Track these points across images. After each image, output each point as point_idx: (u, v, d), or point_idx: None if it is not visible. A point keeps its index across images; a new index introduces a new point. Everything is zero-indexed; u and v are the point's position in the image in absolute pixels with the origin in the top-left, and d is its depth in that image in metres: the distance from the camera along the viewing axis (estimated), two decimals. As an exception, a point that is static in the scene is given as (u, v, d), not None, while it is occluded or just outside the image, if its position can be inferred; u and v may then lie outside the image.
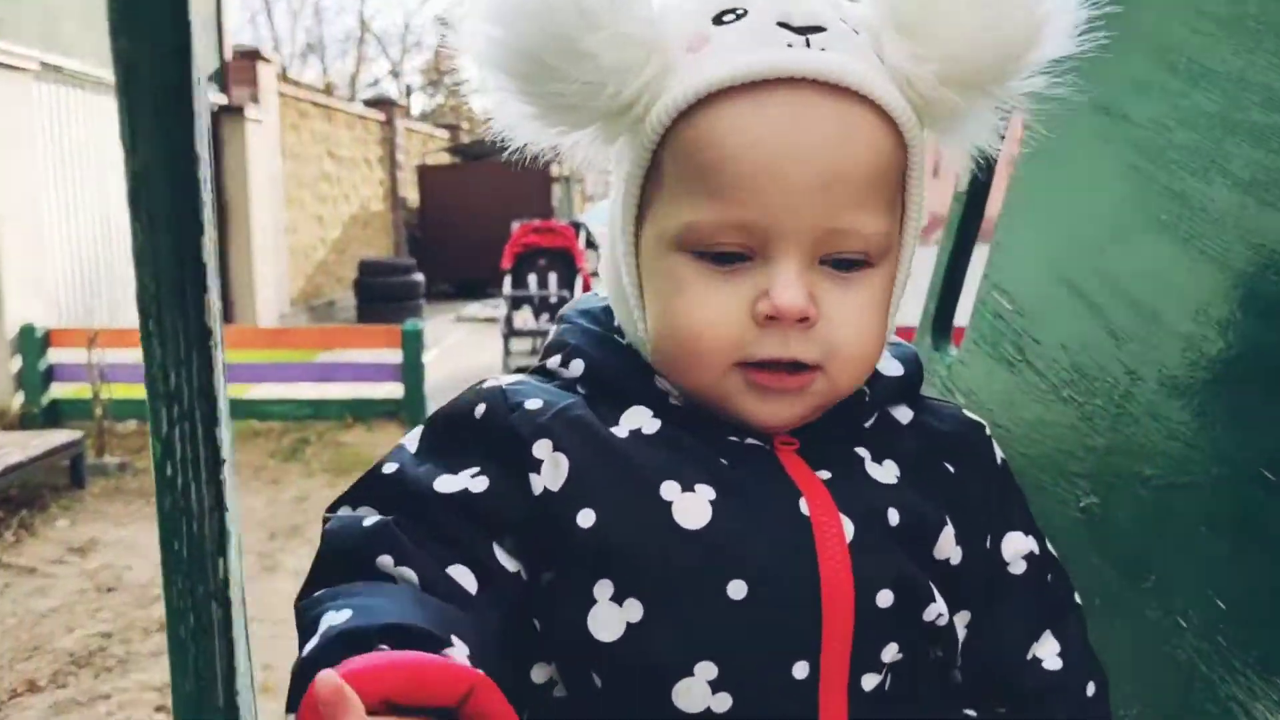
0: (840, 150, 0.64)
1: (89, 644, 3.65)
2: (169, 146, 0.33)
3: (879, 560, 0.66)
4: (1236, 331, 0.66)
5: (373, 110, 15.34)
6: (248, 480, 5.62)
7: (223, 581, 0.38)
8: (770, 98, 0.64)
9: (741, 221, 0.64)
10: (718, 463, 0.68)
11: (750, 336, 0.66)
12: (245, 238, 9.81)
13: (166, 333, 0.34)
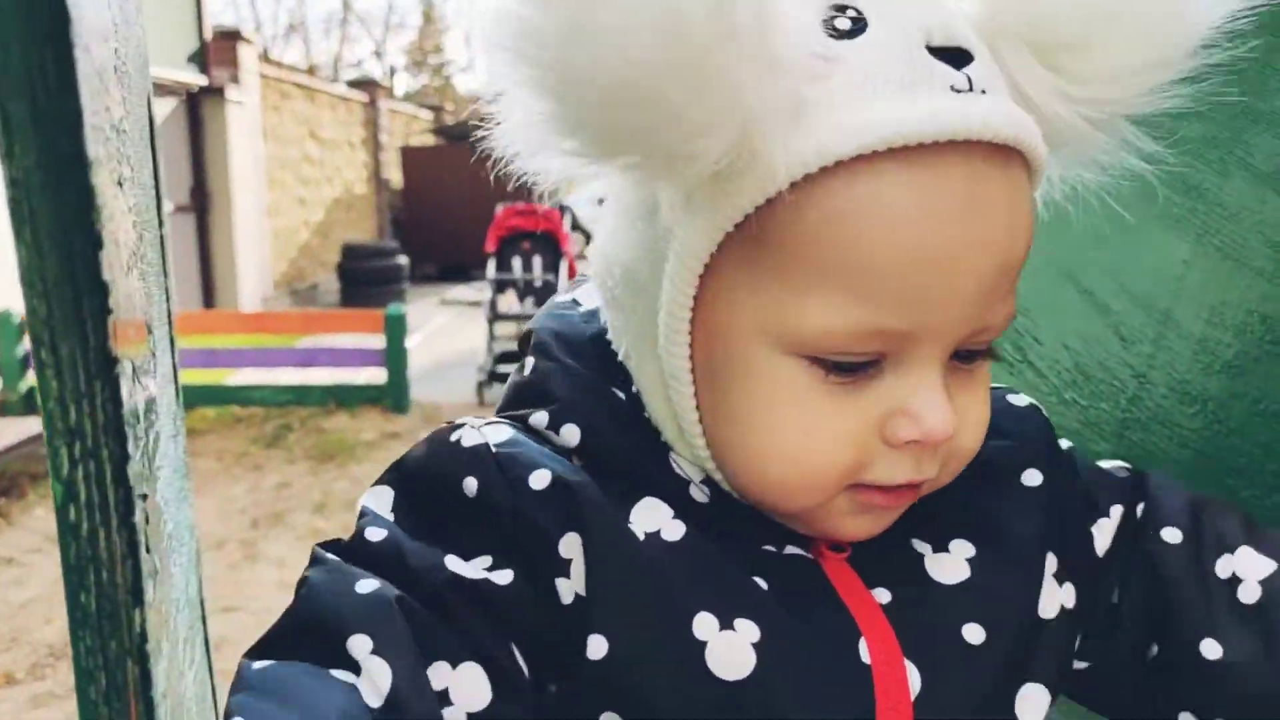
0: (1016, 233, 0.51)
1: (67, 635, 3.61)
2: (53, 150, 0.28)
3: (947, 713, 0.55)
4: (1253, 335, 0.62)
5: (356, 91, 15.19)
6: (229, 467, 5.56)
7: (139, 637, 0.34)
8: (940, 168, 0.48)
9: (893, 330, 0.50)
10: (755, 585, 0.55)
11: (875, 457, 0.53)
12: (227, 221, 9.71)
13: (63, 363, 0.29)
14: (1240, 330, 0.62)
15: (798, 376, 0.51)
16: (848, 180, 0.48)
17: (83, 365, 0.29)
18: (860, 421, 0.52)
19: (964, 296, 0.50)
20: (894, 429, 0.51)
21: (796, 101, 0.47)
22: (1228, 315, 0.63)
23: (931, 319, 0.50)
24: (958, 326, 0.51)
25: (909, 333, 0.50)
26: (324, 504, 4.92)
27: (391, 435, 5.89)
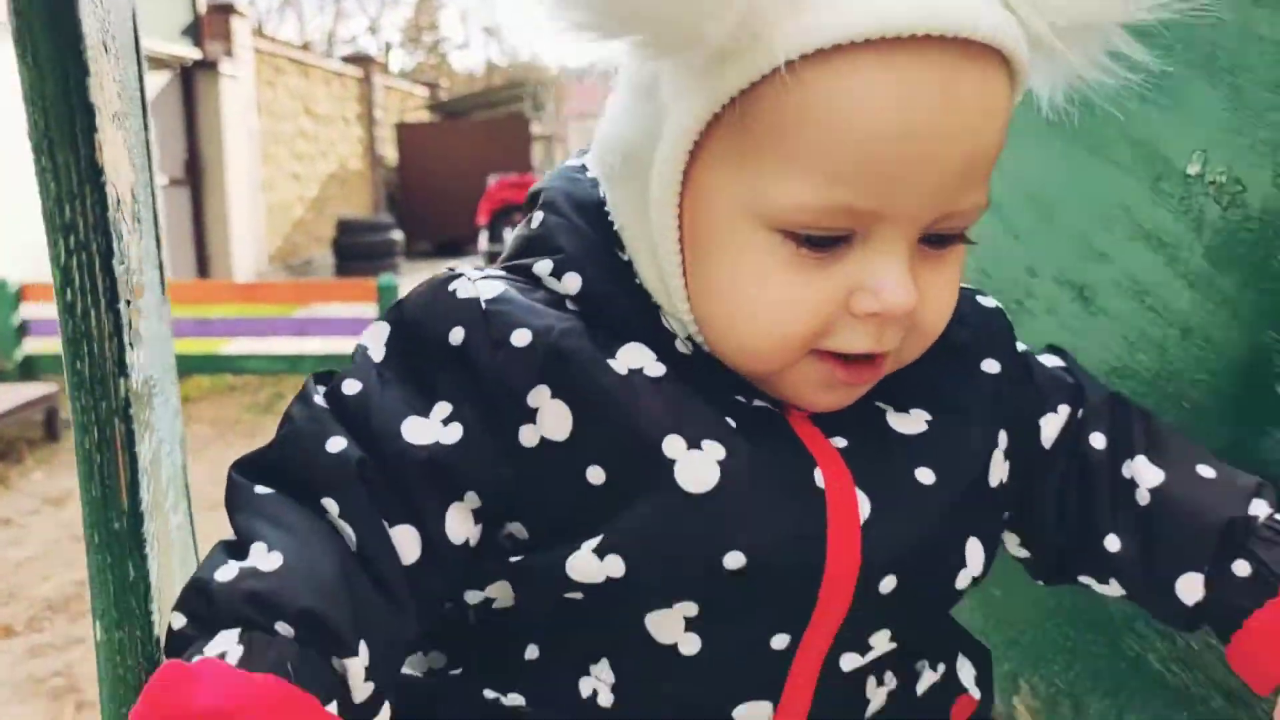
0: (986, 127, 0.55)
1: (64, 590, 3.69)
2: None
3: (894, 540, 0.61)
4: (1118, 223, 0.69)
5: (350, 67, 15.19)
6: (224, 433, 5.64)
7: (124, 400, 0.41)
8: (920, 61, 0.52)
9: (862, 209, 0.55)
10: (724, 420, 0.61)
11: (839, 327, 0.58)
12: (221, 195, 9.75)
13: (59, 169, 0.37)
14: (1107, 220, 0.69)
15: (773, 249, 0.56)
16: (834, 67, 0.52)
17: (75, 170, 0.37)
18: (827, 293, 0.57)
19: (930, 182, 0.54)
20: (857, 301, 0.56)
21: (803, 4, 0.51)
22: (1097, 208, 0.70)
23: (899, 201, 0.54)
24: (924, 210, 0.55)
25: (877, 212, 0.54)
26: (317, 468, 5.02)
27: (384, 403, 5.97)
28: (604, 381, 0.60)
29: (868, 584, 0.60)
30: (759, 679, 0.62)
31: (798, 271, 0.57)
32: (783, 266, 0.57)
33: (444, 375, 0.61)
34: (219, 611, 0.54)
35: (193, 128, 9.72)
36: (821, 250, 0.56)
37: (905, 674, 0.68)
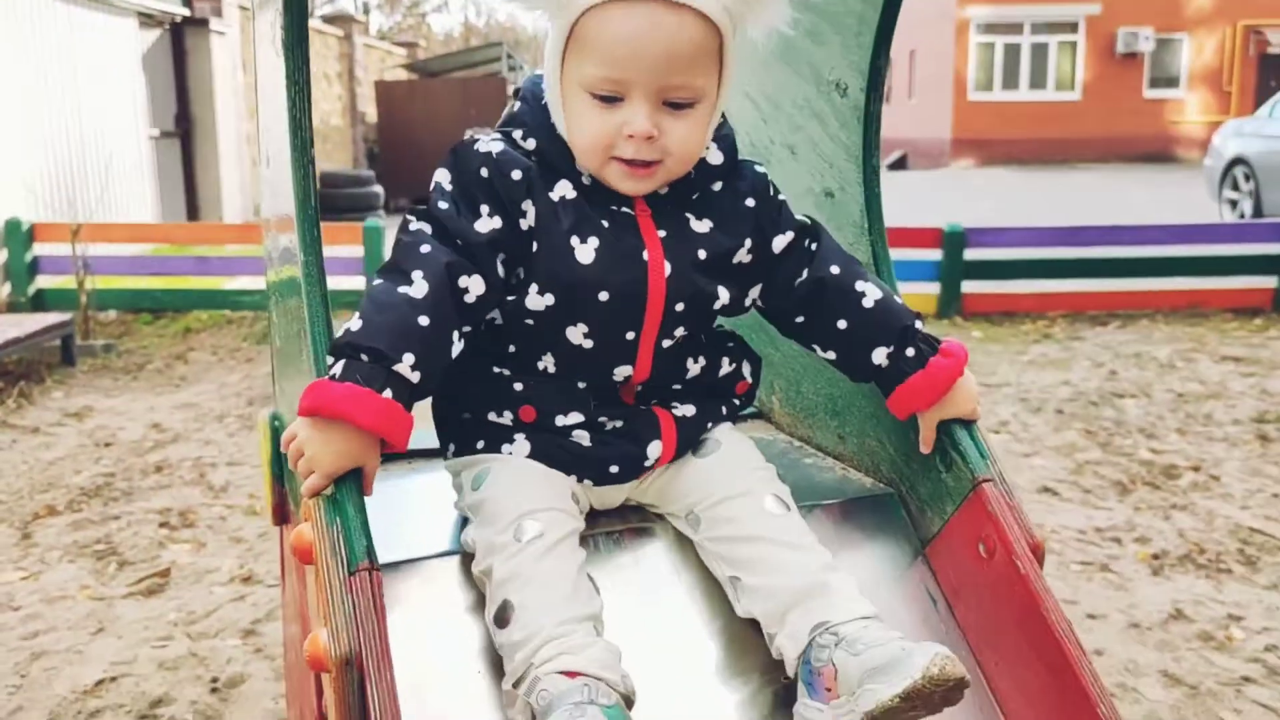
0: (676, 41, 1.03)
1: (96, 480, 4.21)
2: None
3: (681, 286, 1.12)
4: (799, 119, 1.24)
5: (331, 26, 15.54)
6: (224, 359, 6.16)
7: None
8: (641, 9, 1.03)
9: (617, 79, 1.05)
10: (601, 224, 1.11)
11: (619, 143, 1.07)
12: (212, 147, 10.17)
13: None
14: (800, 107, 1.24)
15: (586, 102, 1.08)
16: (602, 13, 1.04)
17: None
18: (611, 125, 1.08)
19: (648, 68, 1.04)
20: (623, 129, 1.07)
21: None
22: (797, 100, 1.26)
23: (634, 76, 1.05)
24: (648, 83, 1.05)
25: (625, 81, 1.06)
26: (311, 387, 5.55)
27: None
28: (546, 200, 1.11)
29: (669, 305, 1.14)
30: (623, 355, 1.15)
31: (597, 114, 1.09)
32: (591, 112, 1.09)
33: (480, 192, 1.11)
34: (333, 351, 1.05)
35: (183, 83, 10.12)
36: (607, 103, 1.08)
37: (711, 361, 1.23)
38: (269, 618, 3.07)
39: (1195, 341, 6.24)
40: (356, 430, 0.94)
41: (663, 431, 1.14)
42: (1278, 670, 2.71)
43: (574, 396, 1.13)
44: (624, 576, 1.08)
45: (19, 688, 2.72)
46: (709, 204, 1.16)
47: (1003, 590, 0.99)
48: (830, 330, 1.19)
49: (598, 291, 1.10)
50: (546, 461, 1.10)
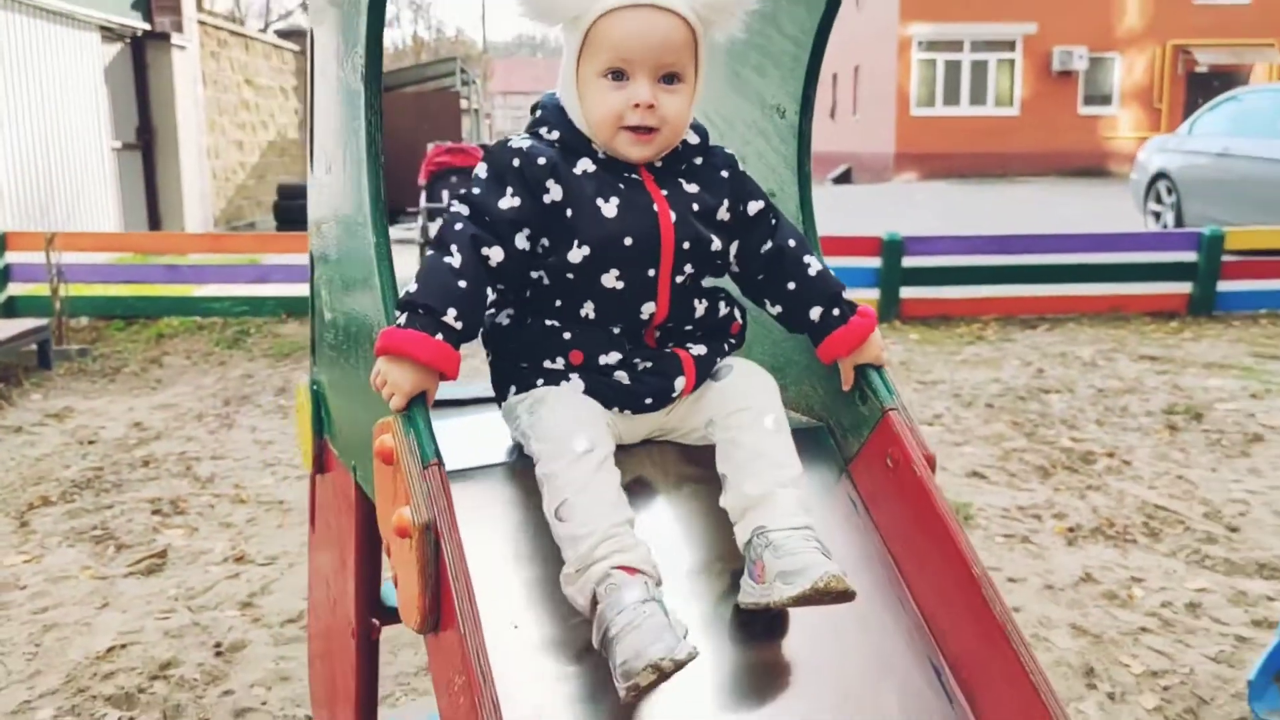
0: (667, 32, 1.33)
1: (86, 474, 4.42)
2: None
3: (684, 230, 1.38)
4: (754, 131, 1.56)
5: (287, 41, 15.71)
6: (198, 363, 6.37)
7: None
8: (640, 12, 1.32)
9: (626, 59, 1.33)
10: (619, 187, 1.38)
11: (627, 113, 1.34)
12: (174, 159, 10.34)
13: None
14: (749, 126, 1.56)
15: (602, 84, 1.34)
16: (611, 17, 1.31)
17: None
18: (621, 99, 1.34)
19: (648, 50, 1.32)
20: (629, 101, 1.33)
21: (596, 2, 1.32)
22: (749, 119, 1.58)
23: (638, 57, 1.32)
24: (649, 63, 1.33)
25: (632, 61, 1.33)
26: (284, 389, 5.78)
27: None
28: (572, 176, 1.39)
29: (678, 245, 1.41)
30: (647, 292, 1.41)
31: (610, 91, 1.36)
32: (605, 90, 1.36)
33: (509, 178, 1.36)
34: (399, 306, 1.33)
35: (144, 96, 10.28)
36: (617, 81, 1.35)
37: (711, 303, 1.51)
38: (264, 591, 3.32)
39: (1116, 342, 6.67)
40: (418, 364, 1.24)
41: (685, 368, 1.43)
42: (1170, 622, 3.07)
43: (612, 339, 1.40)
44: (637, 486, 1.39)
45: (35, 654, 2.95)
46: (694, 173, 1.47)
47: (905, 492, 1.30)
48: (781, 289, 1.50)
49: (623, 238, 1.38)
50: (595, 397, 1.38)
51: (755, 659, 1.23)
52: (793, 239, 1.51)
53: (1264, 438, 4.76)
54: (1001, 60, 27.09)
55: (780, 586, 1.20)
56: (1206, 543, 3.62)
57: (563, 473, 1.26)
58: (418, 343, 1.23)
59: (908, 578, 1.32)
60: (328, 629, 1.92)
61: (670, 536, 1.32)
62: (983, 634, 1.19)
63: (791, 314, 1.49)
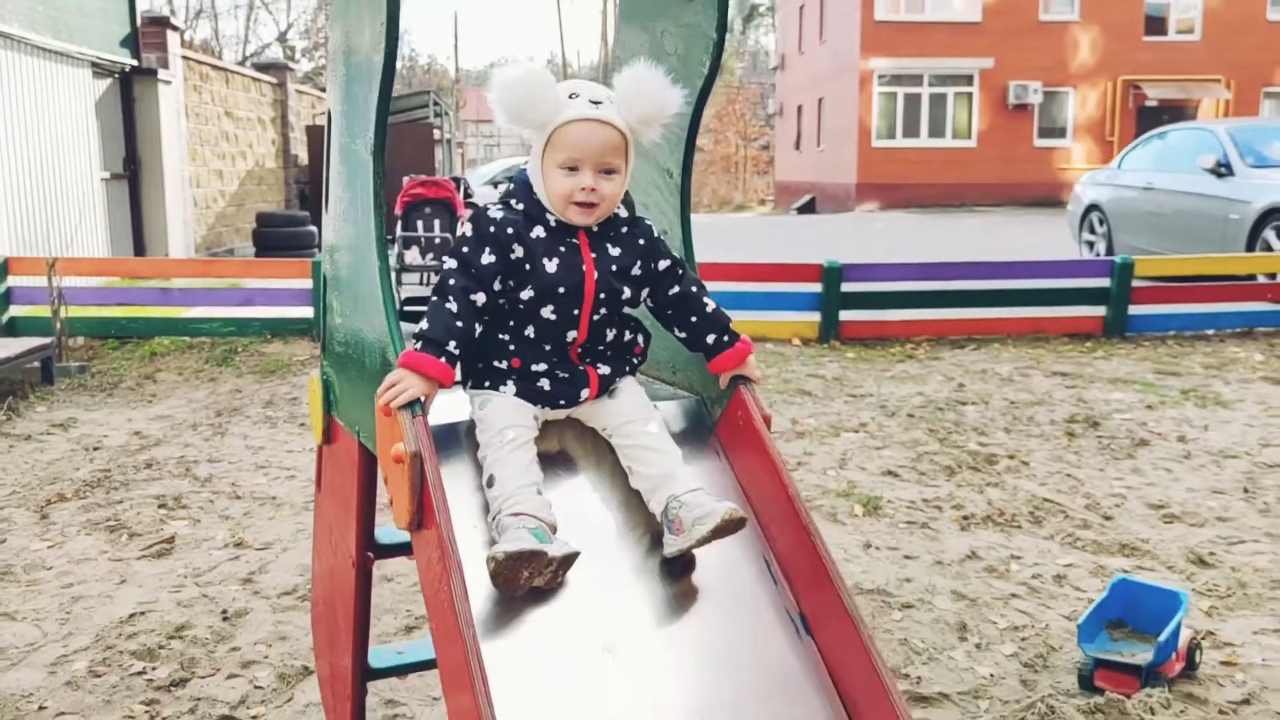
0: (606, 140, 1.73)
1: (95, 475, 4.90)
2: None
3: (603, 284, 1.79)
4: (657, 178, 2.12)
5: (265, 74, 16.24)
6: (189, 379, 6.86)
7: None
8: (586, 125, 1.73)
9: (576, 158, 1.72)
10: (560, 250, 1.78)
11: (577, 193, 1.74)
12: (159, 189, 10.83)
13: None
14: (655, 177, 2.12)
15: (559, 172, 1.76)
16: (569, 127, 1.74)
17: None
18: (573, 184, 1.75)
19: (592, 153, 1.74)
20: (580, 186, 1.74)
21: (561, 110, 1.75)
22: (643, 180, 2.13)
23: (584, 156, 1.74)
24: (593, 161, 1.74)
25: (581, 159, 1.74)
26: (271, 401, 6.28)
27: (319, 356, 7.28)
28: (530, 239, 1.88)
29: (597, 293, 1.90)
30: (571, 324, 1.90)
31: (565, 178, 1.75)
32: (561, 176, 1.75)
33: (488, 241, 1.84)
34: (416, 336, 1.87)
35: (131, 128, 10.78)
36: (570, 172, 1.75)
37: (619, 331, 2.03)
38: (262, 571, 3.83)
39: (1034, 360, 7.29)
40: (428, 377, 1.77)
41: (590, 382, 1.96)
42: (1037, 590, 3.63)
43: (542, 354, 1.92)
44: (563, 466, 1.92)
45: (66, 620, 3.45)
46: (619, 239, 1.96)
47: (749, 442, 1.85)
48: (686, 322, 2.03)
49: (558, 287, 1.87)
50: (524, 398, 1.91)
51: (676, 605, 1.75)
52: (695, 286, 2.04)
53: (1149, 442, 5.36)
54: (959, 94, 28.01)
55: (697, 529, 1.73)
56: (1081, 528, 4.20)
57: (492, 454, 1.80)
58: (429, 363, 1.75)
59: (751, 501, 1.87)
60: (330, 570, 2.44)
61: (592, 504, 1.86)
62: (796, 537, 1.74)
63: (692, 340, 2.03)
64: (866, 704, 1.61)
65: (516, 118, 1.82)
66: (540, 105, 1.79)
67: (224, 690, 3.00)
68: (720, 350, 1.98)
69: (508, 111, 1.82)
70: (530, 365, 1.88)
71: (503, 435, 1.81)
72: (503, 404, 1.87)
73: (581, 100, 1.80)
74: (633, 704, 1.57)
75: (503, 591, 1.64)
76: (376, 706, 2.86)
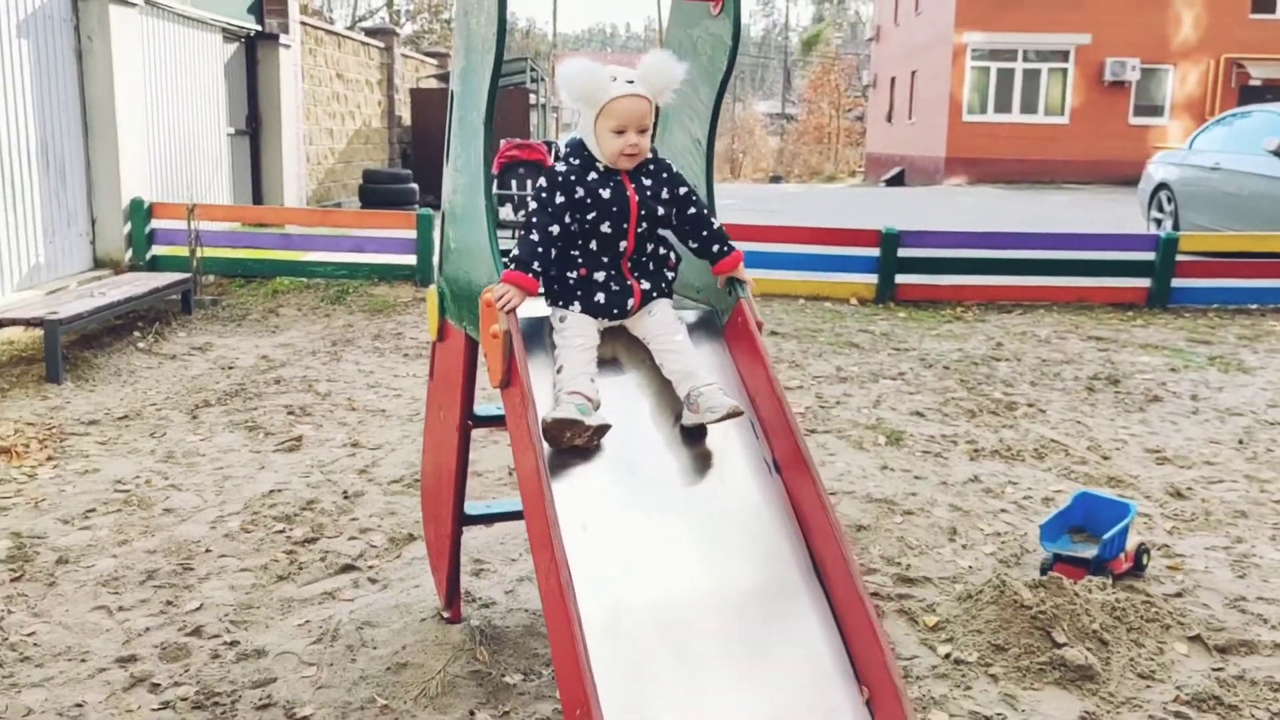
0: (642, 109, 2.37)
1: (232, 388, 5.77)
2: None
3: (643, 204, 2.47)
4: (689, 146, 2.79)
5: (374, 39, 17.16)
6: (306, 314, 7.75)
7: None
8: (627, 99, 2.36)
9: (622, 124, 2.35)
10: (609, 184, 2.41)
11: (627, 148, 2.37)
12: (277, 145, 11.78)
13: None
14: (684, 148, 2.79)
15: (609, 135, 2.41)
16: (615, 101, 2.38)
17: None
18: (622, 142, 2.39)
19: (632, 120, 2.38)
20: (628, 142, 2.45)
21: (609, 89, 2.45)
22: (677, 147, 2.79)
23: (628, 123, 2.37)
24: (634, 125, 2.39)
25: (625, 125, 2.38)
26: (379, 335, 7.13)
27: (420, 299, 8.10)
28: (588, 181, 2.56)
29: (639, 213, 2.58)
30: (623, 236, 2.55)
31: (614, 139, 2.45)
32: (613, 138, 2.45)
33: (558, 187, 2.52)
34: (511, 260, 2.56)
35: (254, 89, 11.73)
36: (619, 134, 2.42)
37: (656, 246, 2.72)
38: (374, 465, 4.63)
39: (1074, 325, 7.80)
40: (519, 287, 2.48)
41: (635, 293, 2.66)
42: (1024, 507, 4.26)
43: (601, 264, 2.61)
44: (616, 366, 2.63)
45: (220, 492, 4.29)
46: (649, 174, 2.63)
47: (744, 341, 2.54)
48: (698, 235, 2.69)
49: (611, 207, 2.53)
50: (588, 312, 2.58)
51: (687, 452, 2.44)
52: (705, 210, 2.72)
53: (1162, 399, 5.90)
54: (1054, 69, 27.88)
55: (707, 413, 2.41)
56: (1079, 464, 4.79)
57: (563, 352, 2.50)
58: (521, 278, 2.46)
59: (743, 379, 2.57)
60: (438, 441, 3.19)
61: (635, 389, 2.57)
62: (772, 405, 2.43)
63: (701, 249, 2.71)
64: (813, 520, 2.29)
65: (577, 97, 2.51)
66: (594, 88, 2.47)
67: (347, 547, 3.79)
68: (721, 257, 2.65)
69: (571, 93, 2.51)
70: (593, 274, 2.57)
71: (572, 340, 2.52)
72: (575, 319, 2.56)
73: (620, 82, 2.47)
74: (652, 508, 2.29)
75: (550, 444, 2.34)
76: (466, 565, 3.60)
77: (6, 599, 3.28)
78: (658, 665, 2.03)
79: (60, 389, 5.71)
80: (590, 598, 2.01)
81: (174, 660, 2.93)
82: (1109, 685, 2.86)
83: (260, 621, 3.18)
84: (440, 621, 3.15)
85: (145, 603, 3.28)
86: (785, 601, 2.19)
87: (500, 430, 5.05)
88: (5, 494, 4.19)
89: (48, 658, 2.93)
